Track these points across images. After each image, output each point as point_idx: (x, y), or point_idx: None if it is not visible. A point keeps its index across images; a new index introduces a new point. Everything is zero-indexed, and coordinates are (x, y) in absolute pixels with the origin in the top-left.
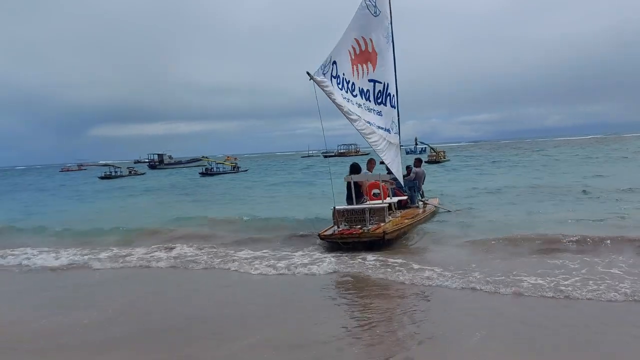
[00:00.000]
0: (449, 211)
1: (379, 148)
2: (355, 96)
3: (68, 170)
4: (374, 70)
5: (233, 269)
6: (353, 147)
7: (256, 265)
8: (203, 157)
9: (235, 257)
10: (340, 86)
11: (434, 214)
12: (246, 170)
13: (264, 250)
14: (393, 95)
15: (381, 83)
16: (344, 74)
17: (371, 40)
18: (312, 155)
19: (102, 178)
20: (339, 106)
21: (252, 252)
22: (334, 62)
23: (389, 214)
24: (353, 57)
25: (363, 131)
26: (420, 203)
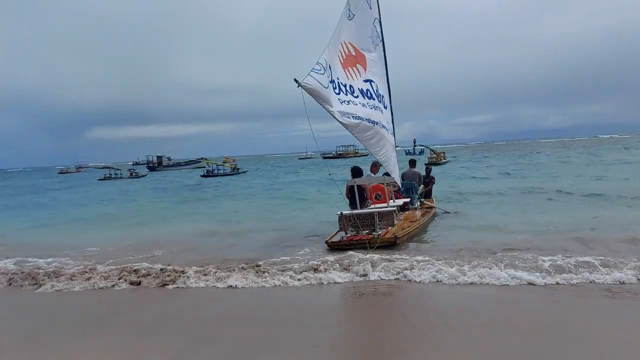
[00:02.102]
0: (447, 212)
1: (376, 150)
2: (357, 97)
3: (67, 172)
4: (365, 71)
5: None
6: (352, 148)
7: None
8: (202, 158)
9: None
10: (336, 90)
11: (434, 215)
12: (245, 172)
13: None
14: (383, 96)
15: (375, 83)
16: (338, 78)
17: (351, 44)
18: (310, 157)
19: (101, 180)
20: (330, 112)
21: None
22: (329, 67)
23: (394, 217)
24: (342, 61)
25: (359, 135)
26: (418, 203)
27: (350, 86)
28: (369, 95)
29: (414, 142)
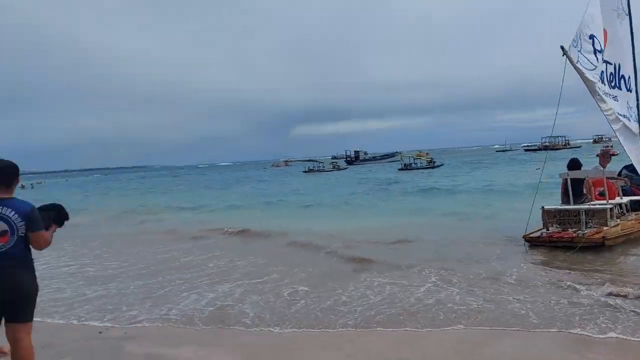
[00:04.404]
0: None
1: (622, 137)
2: (613, 87)
3: (277, 166)
4: (604, 49)
5: None
6: (561, 139)
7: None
8: (397, 152)
9: None
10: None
11: None
12: (442, 165)
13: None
14: (629, 77)
15: (612, 64)
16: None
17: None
18: (509, 150)
19: (305, 172)
20: (591, 86)
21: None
22: (593, 36)
23: (619, 217)
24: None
25: (610, 117)
26: None
27: (611, 73)
28: (601, 79)
29: None
